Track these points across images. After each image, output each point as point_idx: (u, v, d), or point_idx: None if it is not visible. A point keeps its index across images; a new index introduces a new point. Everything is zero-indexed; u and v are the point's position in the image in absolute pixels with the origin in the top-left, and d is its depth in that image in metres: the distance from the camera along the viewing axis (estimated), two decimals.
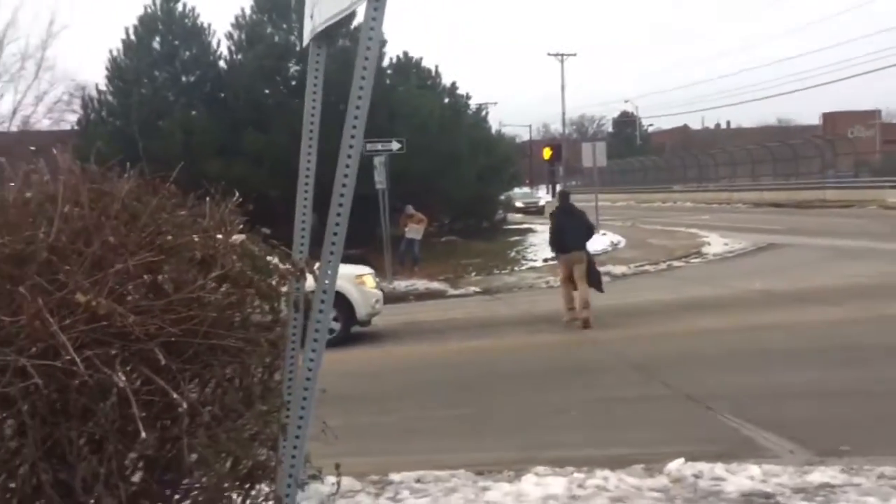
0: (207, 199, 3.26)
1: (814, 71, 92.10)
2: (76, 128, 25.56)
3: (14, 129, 27.28)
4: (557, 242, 13.07)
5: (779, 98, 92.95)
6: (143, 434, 2.42)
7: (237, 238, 3.05)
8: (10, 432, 2.60)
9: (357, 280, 12.71)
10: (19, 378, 2.37)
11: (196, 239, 2.80)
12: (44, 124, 29.61)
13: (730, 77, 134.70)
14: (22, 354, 2.38)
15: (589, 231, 13.23)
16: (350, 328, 12.60)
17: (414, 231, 21.52)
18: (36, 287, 2.45)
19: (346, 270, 13.23)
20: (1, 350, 2.37)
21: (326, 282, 2.64)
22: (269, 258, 3.11)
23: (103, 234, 2.62)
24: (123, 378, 2.42)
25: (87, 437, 2.71)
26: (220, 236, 2.94)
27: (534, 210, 49.33)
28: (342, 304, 12.22)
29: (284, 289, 3.17)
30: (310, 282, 2.97)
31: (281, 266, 2.88)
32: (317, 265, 2.87)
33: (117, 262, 2.62)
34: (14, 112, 27.06)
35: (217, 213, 3.15)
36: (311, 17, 3.22)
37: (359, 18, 2.73)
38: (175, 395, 2.53)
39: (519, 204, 49.03)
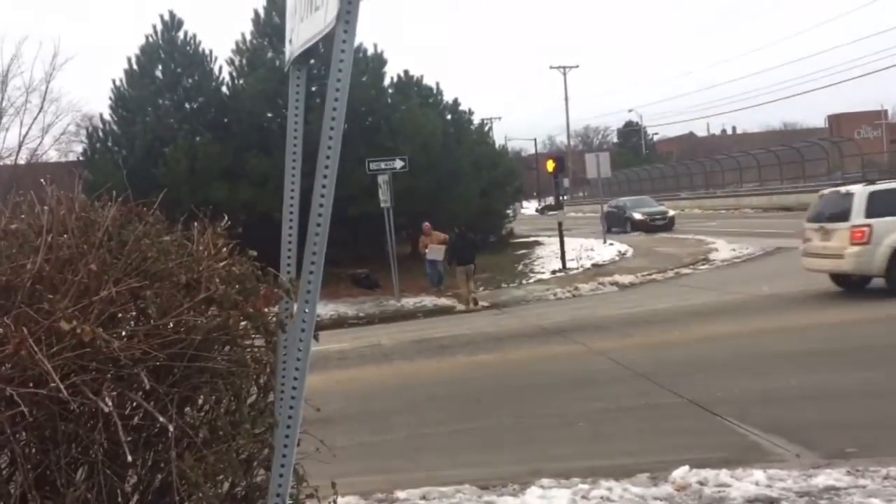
0: (195, 223, 3.30)
1: (817, 73, 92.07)
2: (82, 158, 25.75)
3: (22, 161, 27.52)
4: (457, 257, 19.23)
5: (783, 102, 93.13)
6: (130, 458, 2.44)
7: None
8: (3, 461, 2.63)
9: None
10: (7, 407, 2.40)
11: (179, 263, 2.83)
12: (51, 155, 29.91)
13: (733, 83, 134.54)
14: (10, 383, 2.41)
15: (475, 249, 20.24)
16: None
17: (434, 252, 21.07)
18: (21, 316, 2.49)
19: None
20: None
21: (307, 301, 2.66)
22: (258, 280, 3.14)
23: (87, 262, 2.66)
24: (110, 403, 2.44)
25: (79, 463, 2.74)
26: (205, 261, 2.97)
27: (660, 224, 35.95)
28: None
29: (274, 309, 3.19)
30: None
31: (266, 287, 2.91)
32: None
33: (102, 289, 2.66)
34: (20, 144, 27.35)
35: (203, 238, 3.18)
36: (290, 41, 3.27)
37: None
38: (161, 419, 2.55)
39: (637, 216, 36.90)
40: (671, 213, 37.60)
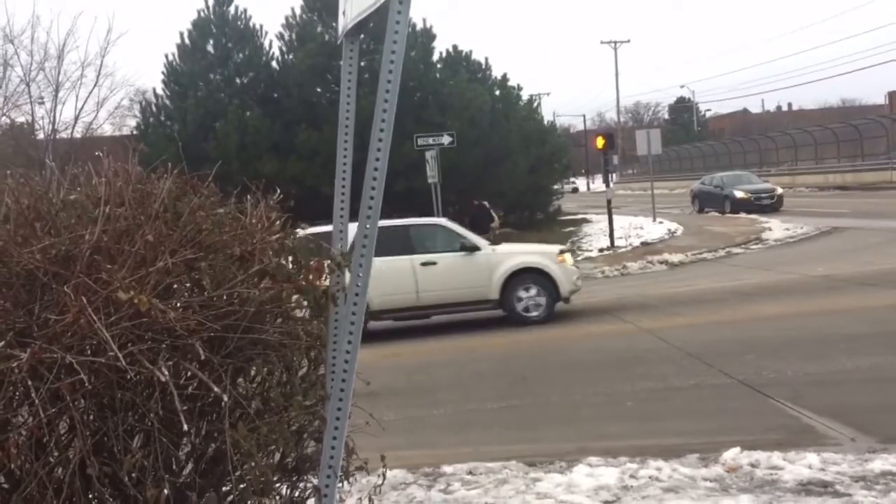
0: (248, 196, 3.32)
1: (878, 48, 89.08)
2: (135, 132, 26.19)
3: (77, 135, 28.08)
4: (474, 226, 19.24)
5: (842, 78, 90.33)
6: (185, 427, 2.48)
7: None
8: (62, 427, 2.68)
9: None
10: (67, 374, 2.45)
11: (233, 235, 2.85)
12: (105, 129, 30.47)
13: (790, 58, 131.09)
14: (69, 352, 2.46)
15: (490, 219, 21.67)
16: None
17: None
18: (80, 286, 2.53)
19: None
20: (48, 348, 2.45)
21: (360, 275, 2.66)
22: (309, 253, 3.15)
23: (144, 233, 2.69)
24: (166, 373, 2.48)
25: (135, 431, 2.79)
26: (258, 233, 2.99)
27: (767, 203, 30.66)
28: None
29: (326, 282, 3.20)
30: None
31: (318, 261, 2.92)
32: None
33: (159, 260, 2.69)
34: (76, 118, 27.87)
35: (257, 211, 3.20)
36: (344, 13, 3.25)
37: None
38: (216, 389, 2.58)
39: (739, 194, 31.77)
40: (779, 190, 31.91)
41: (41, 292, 2.64)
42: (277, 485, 3.17)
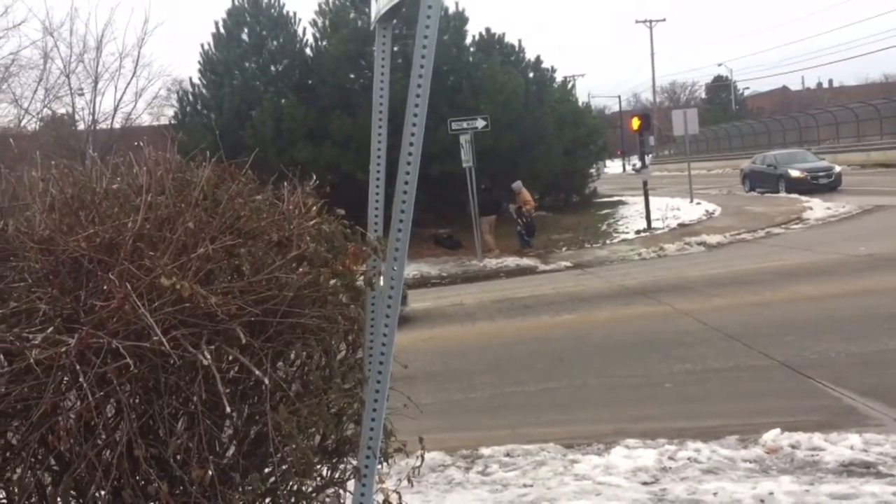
0: (286, 182, 3.37)
1: None
2: (173, 122, 26.49)
3: (117, 125, 28.52)
4: (483, 209, 20.89)
5: (884, 52, 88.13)
6: (228, 409, 2.53)
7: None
8: (109, 411, 2.76)
9: None
10: (113, 359, 2.52)
11: (271, 222, 2.89)
12: (144, 119, 30.88)
13: (830, 33, 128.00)
14: (115, 337, 2.52)
15: (498, 205, 21.98)
16: None
17: (511, 209, 21.75)
18: (124, 273, 2.59)
19: None
20: (95, 333, 2.51)
21: (396, 259, 2.69)
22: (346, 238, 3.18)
23: (185, 221, 2.75)
24: (208, 357, 2.53)
25: (180, 414, 2.86)
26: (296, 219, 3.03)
27: (824, 182, 29.32)
28: None
29: (362, 267, 3.24)
30: None
31: (354, 245, 2.95)
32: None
33: (199, 247, 2.74)
34: (115, 109, 28.28)
35: (294, 197, 3.24)
36: None
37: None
38: (258, 373, 2.63)
39: (794, 173, 30.39)
40: (837, 168, 30.49)
41: (87, 279, 2.71)
42: (318, 466, 3.23)
